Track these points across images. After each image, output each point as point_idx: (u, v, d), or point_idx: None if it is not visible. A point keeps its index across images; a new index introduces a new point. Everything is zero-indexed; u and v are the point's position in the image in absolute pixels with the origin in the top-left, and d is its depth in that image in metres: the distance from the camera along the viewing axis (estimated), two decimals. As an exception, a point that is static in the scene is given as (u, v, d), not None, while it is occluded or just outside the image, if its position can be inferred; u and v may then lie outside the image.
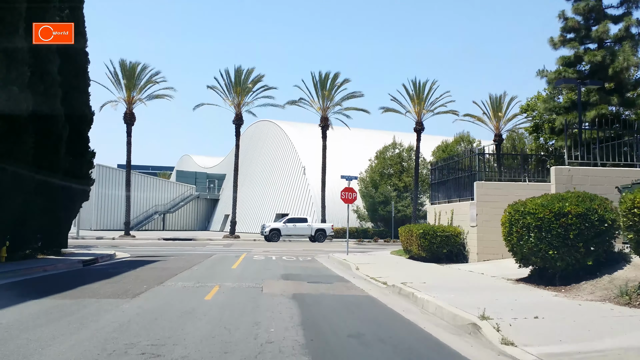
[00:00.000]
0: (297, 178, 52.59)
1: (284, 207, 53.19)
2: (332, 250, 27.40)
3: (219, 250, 25.46)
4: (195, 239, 41.17)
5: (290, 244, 35.05)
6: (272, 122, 60.37)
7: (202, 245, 30.72)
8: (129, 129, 43.73)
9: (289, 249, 28.10)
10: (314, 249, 28.59)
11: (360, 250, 28.39)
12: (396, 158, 48.96)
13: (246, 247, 29.73)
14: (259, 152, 61.48)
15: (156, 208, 63.15)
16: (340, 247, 29.97)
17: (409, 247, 19.11)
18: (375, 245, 34.83)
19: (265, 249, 28.12)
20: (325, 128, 45.42)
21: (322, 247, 30.91)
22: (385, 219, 48.89)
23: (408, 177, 47.95)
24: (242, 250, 26.46)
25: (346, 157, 54.94)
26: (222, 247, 28.33)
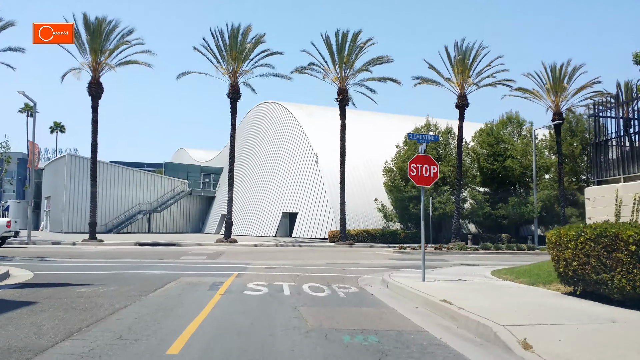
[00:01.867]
0: (308, 169, 43.08)
1: (293, 204, 43.68)
2: (368, 265, 17.96)
3: (195, 267, 15.93)
4: (180, 244, 31.80)
5: (304, 251, 25.44)
6: (277, 104, 50.94)
7: (180, 255, 21.30)
8: (95, 103, 34.40)
9: (307, 264, 18.57)
10: (332, 262, 19.03)
11: (411, 263, 18.82)
12: (430, 143, 39.26)
13: (240, 258, 20.23)
14: (262, 140, 52.02)
15: (140, 207, 53.77)
16: (372, 258, 20.48)
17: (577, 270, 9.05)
18: (425, 254, 25.11)
19: (266, 262, 18.60)
20: (343, 103, 35.92)
21: (343, 257, 21.37)
22: (418, 219, 39.34)
23: (447, 165, 38.39)
24: (233, 265, 16.97)
25: (368, 143, 45.39)
26: (204, 260, 18.83)
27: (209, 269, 14.77)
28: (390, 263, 18.55)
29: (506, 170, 39.65)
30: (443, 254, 24.06)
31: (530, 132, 42.58)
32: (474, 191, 39.71)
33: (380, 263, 18.52)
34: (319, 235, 39.41)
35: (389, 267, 16.78)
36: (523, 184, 41.08)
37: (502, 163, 39.60)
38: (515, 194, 40.74)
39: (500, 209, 38.99)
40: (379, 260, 20.12)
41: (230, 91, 35.68)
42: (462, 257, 22.41)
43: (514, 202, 38.77)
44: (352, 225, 37.34)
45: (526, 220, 40.50)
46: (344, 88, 35.82)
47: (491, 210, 39.33)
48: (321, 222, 39.80)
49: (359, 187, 41.04)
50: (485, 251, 24.96)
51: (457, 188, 36.46)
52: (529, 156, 39.55)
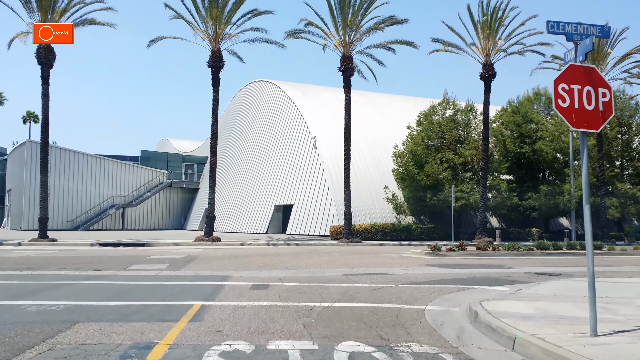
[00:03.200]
0: (304, 154, 37.08)
1: (287, 195, 37.65)
2: (407, 277, 12.14)
3: (131, 292, 9.47)
4: (149, 244, 25.76)
5: (305, 254, 19.41)
6: (268, 83, 44.83)
7: (132, 262, 15.24)
8: (46, 72, 28.10)
9: (315, 276, 12.59)
10: (351, 271, 13.12)
11: (469, 274, 13.00)
12: (449, 122, 33.47)
13: (217, 266, 14.27)
14: (252, 123, 45.88)
15: (113, 200, 47.43)
16: (402, 264, 14.65)
17: None
18: (465, 259, 18.98)
19: (254, 273, 12.66)
20: (348, 73, 29.90)
21: (360, 262, 15.45)
22: (435, 212, 33.57)
23: (470, 149, 32.55)
24: (200, 283, 10.89)
25: (373, 126, 39.47)
26: (161, 272, 12.71)
27: (151, 297, 8.65)
28: (436, 273, 12.71)
29: (536, 154, 33.94)
30: (490, 255, 18.21)
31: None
32: (497, 179, 33.91)
33: (422, 273, 12.64)
34: (318, 232, 33.48)
35: (441, 281, 10.98)
36: (554, 170, 35.37)
37: (532, 146, 33.88)
38: (546, 182, 35.05)
39: (530, 200, 33.26)
40: (414, 267, 14.25)
41: (211, 59, 29.50)
42: (520, 261, 16.62)
43: (546, 192, 33.08)
44: (356, 219, 31.49)
45: (560, 212, 34.83)
46: (348, 55, 29.79)
47: (518, 200, 33.61)
48: (321, 216, 33.87)
49: (365, 175, 35.14)
50: (542, 252, 19.16)
51: (483, 174, 30.67)
52: (563, 137, 33.82)
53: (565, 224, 39.68)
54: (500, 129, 34.94)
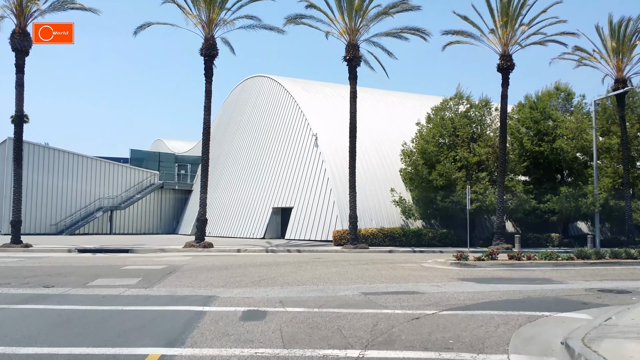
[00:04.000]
0: (305, 153, 34.41)
1: (286, 197, 34.94)
2: (444, 296, 9.50)
3: (86, 315, 7.05)
4: (134, 250, 23.05)
5: (309, 263, 16.71)
6: (266, 78, 42.22)
7: (100, 274, 12.60)
8: (20, 60, 25.41)
9: (327, 295, 9.88)
10: (370, 288, 10.43)
11: (515, 292, 10.37)
12: (462, 119, 30.86)
13: (202, 281, 11.60)
14: (249, 121, 43.21)
15: (100, 202, 44.58)
16: (429, 278, 12.05)
17: None
18: (500, 270, 16.11)
19: (249, 290, 10.01)
20: (353, 63, 27.29)
21: (377, 275, 12.78)
22: (447, 215, 30.89)
23: (485, 146, 29.93)
24: (174, 309, 8.14)
25: (379, 123, 36.88)
26: (126, 291, 9.93)
27: (89, 337, 5.86)
28: (478, 292, 10.13)
29: (555, 153, 31.33)
30: (526, 266, 15.53)
31: (581, 105, 34.39)
32: (514, 180, 31.31)
33: (461, 292, 10.02)
34: (319, 237, 30.78)
35: (493, 305, 8.41)
36: (574, 171, 32.75)
37: (551, 144, 31.28)
38: (566, 183, 32.46)
39: (550, 202, 30.64)
40: (445, 281, 11.62)
41: (203, 46, 26.87)
42: (565, 273, 14.01)
43: (567, 194, 30.46)
44: (361, 223, 28.72)
45: (582, 215, 32.23)
46: (354, 43, 27.18)
47: (536, 203, 30.99)
48: (322, 219, 31.17)
49: (370, 175, 32.49)
50: (584, 261, 16.47)
51: (501, 175, 28.08)
52: (585, 135, 31.24)
53: (584, 229, 37.07)
54: (516, 126, 32.34)
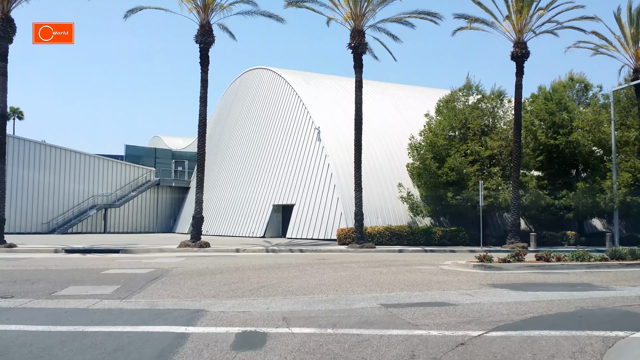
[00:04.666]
0: (307, 147, 32.75)
1: (287, 194, 33.30)
2: (481, 313, 7.84)
3: (34, 339, 5.65)
4: (126, 250, 21.45)
5: (314, 265, 15.06)
6: (266, 70, 40.54)
7: (75, 279, 10.97)
8: (3, 48, 23.73)
9: (341, 308, 8.21)
10: (389, 298, 8.74)
11: (569, 302, 8.65)
12: (473, 110, 29.23)
13: (191, 289, 10.00)
14: (248, 115, 41.54)
15: (94, 200, 42.93)
16: (453, 284, 10.40)
17: None
18: (531, 273, 14.28)
19: (245, 302, 8.40)
20: (359, 50, 25.62)
21: (394, 280, 11.13)
22: (457, 212, 29.27)
23: (497, 139, 28.30)
24: (148, 330, 6.53)
25: (383, 116, 35.25)
26: (105, 298, 8.40)
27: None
28: (519, 302, 8.63)
29: (571, 146, 29.70)
30: (557, 268, 13.87)
31: (596, 97, 32.72)
32: (529, 176, 29.72)
33: (498, 302, 8.44)
34: (323, 235, 29.15)
35: (546, 321, 6.89)
36: (590, 165, 31.08)
37: (567, 137, 29.64)
38: (581, 179, 30.83)
39: (565, 199, 29.00)
40: (474, 288, 10.04)
41: (199, 33, 25.20)
42: (604, 277, 12.45)
43: (584, 189, 28.84)
44: (366, 221, 27.02)
45: (599, 212, 30.61)
46: (359, 29, 25.51)
47: (549, 199, 29.37)
48: (326, 217, 29.54)
49: (375, 171, 30.87)
50: (620, 262, 14.79)
51: (515, 169, 26.48)
52: (603, 128, 29.59)
53: (598, 226, 35.46)
54: (530, 118, 30.67)
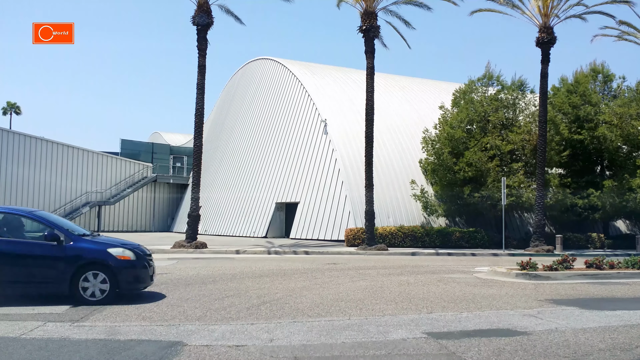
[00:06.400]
0: (313, 141, 30.60)
1: (291, 191, 31.13)
2: (559, 339, 5.41)
3: None
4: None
5: (324, 272, 12.82)
6: (270, 60, 38.44)
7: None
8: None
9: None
10: (436, 325, 6.46)
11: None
12: (493, 102, 27.04)
13: (168, 308, 7.77)
14: (250, 107, 39.41)
15: (88, 197, 40.81)
16: (499, 298, 8.11)
17: None
18: (590, 284, 11.83)
19: (235, 329, 6.12)
20: (370, 34, 23.43)
21: (426, 292, 8.92)
22: (476, 212, 27.07)
23: (519, 133, 26.08)
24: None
25: (394, 109, 33.09)
26: (52, 322, 6.21)
27: None
28: (600, 326, 6.64)
29: (597, 141, 27.51)
30: (613, 277, 11.70)
31: (620, 88, 30.52)
32: (551, 173, 27.55)
33: (576, 327, 6.42)
34: (329, 236, 26.98)
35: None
36: (616, 162, 28.84)
37: (593, 132, 27.45)
38: (607, 176, 28.62)
39: (591, 198, 26.79)
40: (534, 306, 8.02)
41: (196, 14, 23.09)
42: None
43: (611, 188, 26.64)
44: (377, 220, 24.67)
45: (628, 213, 28.44)
46: (371, 10, 23.32)
47: (574, 198, 27.18)
48: (333, 216, 27.38)
49: (386, 167, 28.71)
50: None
51: (540, 166, 24.28)
52: (632, 122, 27.36)
53: (622, 228, 33.20)
54: (552, 111, 28.43)
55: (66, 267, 7.36)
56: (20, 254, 7.34)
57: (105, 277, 7.44)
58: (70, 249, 7.45)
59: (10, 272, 7.25)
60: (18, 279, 7.28)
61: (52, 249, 7.40)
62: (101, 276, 7.45)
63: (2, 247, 7.27)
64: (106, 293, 7.42)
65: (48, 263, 7.39)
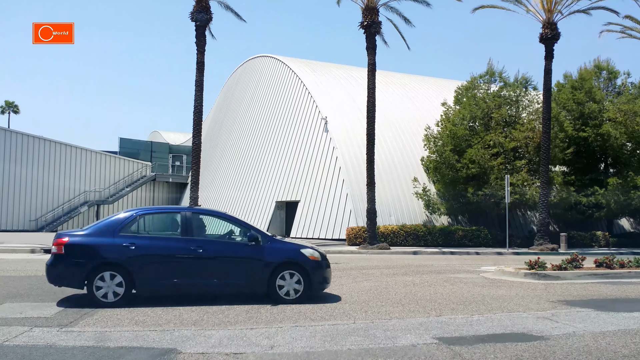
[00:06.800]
0: (313, 139, 30.24)
1: (292, 189, 30.78)
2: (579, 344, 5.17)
3: None
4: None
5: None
6: (270, 58, 38.06)
7: (18, 293, 8.55)
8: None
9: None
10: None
11: None
12: (495, 98, 26.69)
13: (164, 310, 7.35)
14: (250, 105, 39.05)
15: (86, 196, 40.45)
16: (513, 300, 7.71)
17: None
18: (603, 284, 11.03)
19: (234, 335, 5.91)
20: (372, 30, 23.09)
21: (426, 286, 8.56)
22: (478, 210, 26.74)
23: (523, 131, 25.73)
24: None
25: (395, 107, 32.74)
26: (39, 327, 5.84)
27: None
28: (621, 329, 6.34)
29: (602, 139, 27.16)
30: (623, 276, 11.36)
31: (625, 85, 30.18)
32: (555, 170, 27.18)
33: (595, 330, 6.13)
34: (330, 235, 26.64)
35: None
36: (620, 160, 28.48)
37: (597, 129, 27.10)
38: (611, 174, 28.26)
39: (596, 196, 26.43)
40: (547, 308, 7.71)
41: (195, 9, 22.74)
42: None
43: (616, 186, 26.29)
44: (379, 219, 24.39)
45: (633, 211, 28.09)
46: (372, 6, 22.98)
47: (578, 196, 26.82)
48: (334, 215, 27.04)
49: (387, 165, 28.37)
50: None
51: (544, 163, 23.95)
52: (637, 119, 26.99)
53: (626, 226, 32.83)
54: (556, 108, 28.07)
55: (265, 267, 7.58)
56: (225, 255, 7.62)
57: (300, 277, 7.66)
58: (267, 250, 7.69)
59: (216, 271, 7.51)
60: (220, 279, 7.53)
61: (253, 250, 7.62)
62: (296, 276, 7.67)
63: (214, 248, 7.57)
64: (299, 293, 7.64)
65: (249, 263, 7.62)
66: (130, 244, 7.17)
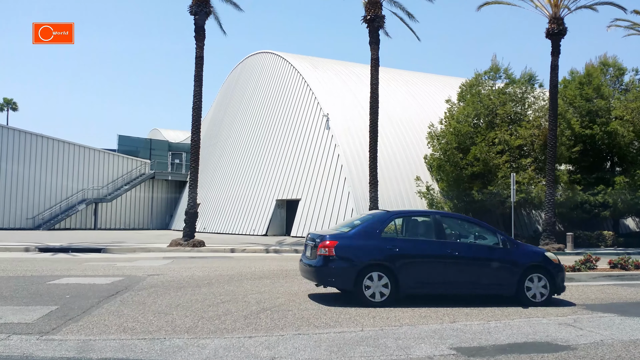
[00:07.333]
0: (314, 136, 29.73)
1: (292, 187, 30.27)
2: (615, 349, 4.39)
3: None
4: (107, 249, 18.44)
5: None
6: (271, 54, 37.54)
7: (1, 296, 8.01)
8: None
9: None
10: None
11: None
12: (500, 95, 26.17)
13: (155, 318, 7.15)
14: (250, 102, 38.52)
15: (84, 194, 39.93)
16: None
17: None
18: (626, 287, 10.72)
19: (230, 350, 5.29)
20: (375, 24, 22.54)
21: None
22: (483, 209, 26.19)
23: (529, 128, 25.21)
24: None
25: (398, 104, 32.23)
26: (14, 335, 5.27)
27: None
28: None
29: (609, 137, 26.63)
30: (636, 279, 10.87)
31: (633, 82, 29.63)
32: (561, 169, 26.66)
33: (624, 339, 5.67)
34: (332, 234, 26.06)
35: None
36: (628, 158, 27.93)
37: (604, 127, 26.56)
38: (618, 173, 27.74)
39: (603, 194, 25.92)
40: (567, 313, 7.05)
41: (193, 3, 22.20)
42: None
43: (623, 184, 25.77)
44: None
45: (638, 211, 27.55)
46: (376, 0, 22.42)
47: (584, 195, 26.30)
48: (335, 213, 26.54)
49: (390, 163, 27.88)
50: None
51: (550, 162, 23.36)
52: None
53: (632, 226, 32.34)
54: (563, 105, 27.54)
55: (514, 270, 7.72)
56: (478, 257, 7.74)
57: (546, 281, 7.75)
58: (515, 253, 7.85)
59: (470, 273, 7.66)
60: (473, 280, 7.69)
61: (503, 252, 7.80)
62: (543, 280, 7.76)
63: (468, 250, 7.74)
64: (545, 297, 7.70)
65: (499, 266, 7.75)
66: (393, 246, 7.45)
